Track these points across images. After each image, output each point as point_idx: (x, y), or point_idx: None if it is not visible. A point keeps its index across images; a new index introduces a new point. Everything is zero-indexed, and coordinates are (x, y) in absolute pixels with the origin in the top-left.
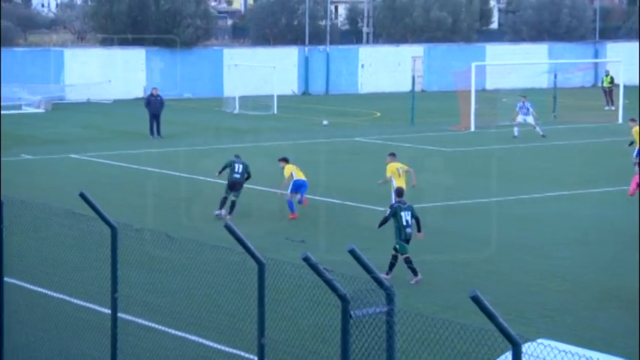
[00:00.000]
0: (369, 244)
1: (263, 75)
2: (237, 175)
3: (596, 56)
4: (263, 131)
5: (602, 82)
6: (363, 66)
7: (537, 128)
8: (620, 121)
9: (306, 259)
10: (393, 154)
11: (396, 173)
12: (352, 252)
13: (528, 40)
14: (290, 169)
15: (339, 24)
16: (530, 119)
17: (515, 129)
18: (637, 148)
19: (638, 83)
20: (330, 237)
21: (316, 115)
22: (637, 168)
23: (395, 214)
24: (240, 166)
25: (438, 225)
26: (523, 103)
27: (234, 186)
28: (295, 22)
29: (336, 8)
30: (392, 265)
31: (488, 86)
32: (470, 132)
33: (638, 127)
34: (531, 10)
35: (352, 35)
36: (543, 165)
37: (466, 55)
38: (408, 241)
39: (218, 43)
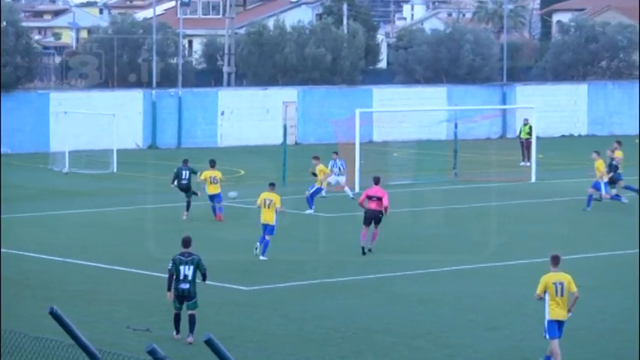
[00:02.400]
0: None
1: (100, 124)
2: (185, 181)
3: (504, 101)
4: (100, 194)
5: (520, 133)
6: (223, 113)
7: (347, 189)
8: (534, 179)
9: (152, 353)
10: (272, 185)
11: (262, 204)
12: (209, 342)
13: (423, 82)
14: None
15: (194, 62)
16: (342, 179)
17: (323, 191)
18: (600, 180)
19: (583, 132)
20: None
21: (164, 173)
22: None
23: (175, 267)
24: (187, 172)
25: (307, 309)
26: (335, 160)
27: (185, 190)
28: (140, 60)
29: (190, 43)
30: (175, 323)
31: (376, 137)
32: (355, 193)
33: (601, 160)
34: (426, 46)
35: (210, 76)
36: (441, 232)
37: (349, 100)
38: (184, 298)
39: (43, 86)
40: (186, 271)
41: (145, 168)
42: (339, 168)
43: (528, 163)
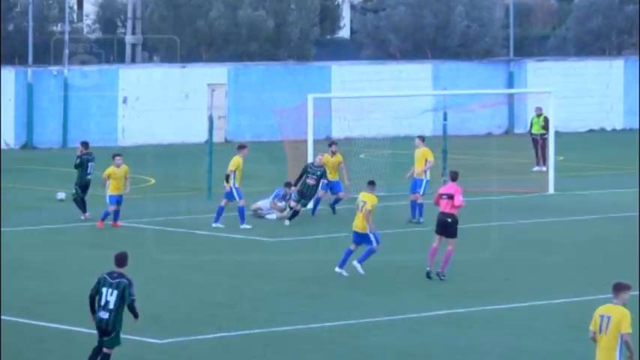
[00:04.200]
0: None
1: None
2: (90, 176)
3: (510, 84)
4: None
5: (532, 127)
6: (125, 100)
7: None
8: (551, 190)
9: None
10: (372, 183)
11: (357, 206)
12: None
13: (400, 57)
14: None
15: (86, 29)
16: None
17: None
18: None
19: (618, 125)
20: None
21: (45, 184)
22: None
23: (98, 287)
24: (93, 163)
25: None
26: (288, 194)
27: (87, 188)
28: (10, 28)
29: (80, 4)
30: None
31: (336, 133)
32: (304, 210)
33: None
34: (404, 7)
35: (108, 49)
36: (421, 265)
37: (298, 81)
38: (101, 331)
39: None
40: (109, 296)
41: (19, 176)
42: (287, 200)
43: (544, 168)
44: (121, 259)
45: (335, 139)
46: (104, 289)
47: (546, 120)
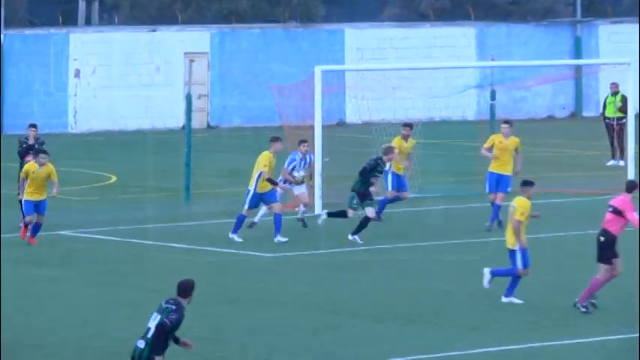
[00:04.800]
0: None
1: None
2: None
3: (577, 53)
4: None
5: (606, 108)
6: (78, 74)
7: (301, 208)
8: None
9: None
10: (528, 184)
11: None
12: None
13: (434, 18)
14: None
15: None
16: (302, 190)
17: (301, 209)
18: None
19: None
20: None
21: None
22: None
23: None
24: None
25: None
26: (303, 154)
27: None
28: None
29: None
30: None
31: (352, 117)
32: (311, 216)
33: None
34: None
35: (55, 7)
36: (471, 287)
37: (302, 49)
38: None
39: None
40: (151, 321)
41: None
42: (305, 166)
43: (621, 162)
44: (184, 289)
45: (349, 123)
46: (153, 315)
47: (624, 99)
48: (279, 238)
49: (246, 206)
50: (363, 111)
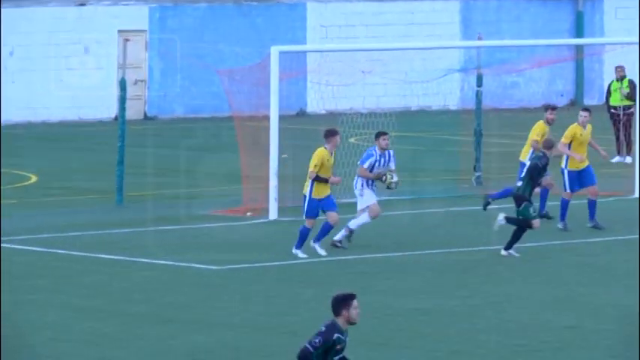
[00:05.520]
0: None
1: None
2: None
3: (578, 31)
4: None
5: (610, 95)
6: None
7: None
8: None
9: None
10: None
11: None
12: None
13: None
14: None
15: None
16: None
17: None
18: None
19: None
20: None
21: None
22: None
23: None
24: None
25: None
26: (382, 150)
27: None
28: None
29: None
30: None
31: (313, 106)
32: (265, 222)
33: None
34: None
35: None
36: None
37: (257, 26)
38: None
39: None
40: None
41: None
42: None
43: (628, 159)
44: (333, 305)
45: (310, 112)
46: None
47: (632, 85)
48: (298, 253)
49: (304, 216)
50: (328, 99)
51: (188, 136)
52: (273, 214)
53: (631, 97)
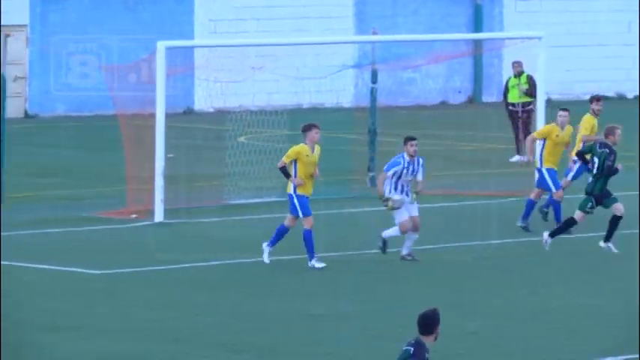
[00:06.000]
0: None
1: None
2: None
3: (476, 24)
4: None
5: (507, 92)
6: None
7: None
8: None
9: None
10: None
11: None
12: None
13: None
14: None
15: None
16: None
17: None
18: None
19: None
20: None
21: None
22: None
23: None
24: None
25: None
26: (411, 157)
27: None
28: None
29: None
30: None
31: (201, 104)
32: (150, 224)
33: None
34: None
35: None
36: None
37: (142, 20)
38: None
39: None
40: None
41: None
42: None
43: (528, 158)
44: (424, 323)
45: (198, 110)
46: None
47: (531, 81)
48: (317, 263)
49: (300, 216)
50: (216, 96)
51: (71, 135)
52: (159, 216)
53: (530, 93)
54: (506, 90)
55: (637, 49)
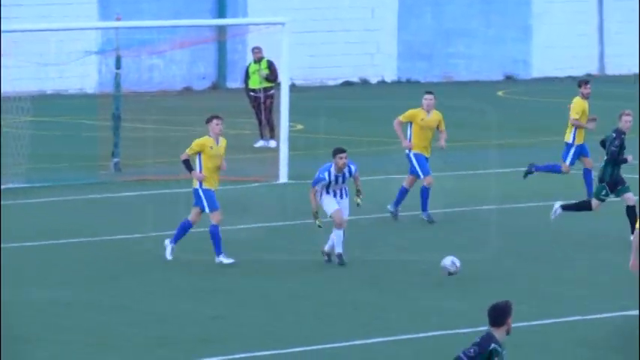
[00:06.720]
0: None
1: None
2: None
3: (220, 10)
4: None
5: (247, 78)
6: None
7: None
8: (285, 178)
9: None
10: None
11: None
12: None
13: None
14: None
15: None
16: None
17: None
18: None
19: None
20: None
21: None
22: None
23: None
24: None
25: None
26: (341, 171)
27: None
28: None
29: None
30: None
31: None
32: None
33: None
34: None
35: None
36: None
37: None
38: None
39: None
40: None
41: None
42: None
43: (272, 143)
44: (495, 315)
45: None
46: None
47: (271, 66)
48: (223, 259)
49: (207, 211)
50: None
51: None
52: None
53: (271, 79)
54: (247, 76)
55: (380, 34)
